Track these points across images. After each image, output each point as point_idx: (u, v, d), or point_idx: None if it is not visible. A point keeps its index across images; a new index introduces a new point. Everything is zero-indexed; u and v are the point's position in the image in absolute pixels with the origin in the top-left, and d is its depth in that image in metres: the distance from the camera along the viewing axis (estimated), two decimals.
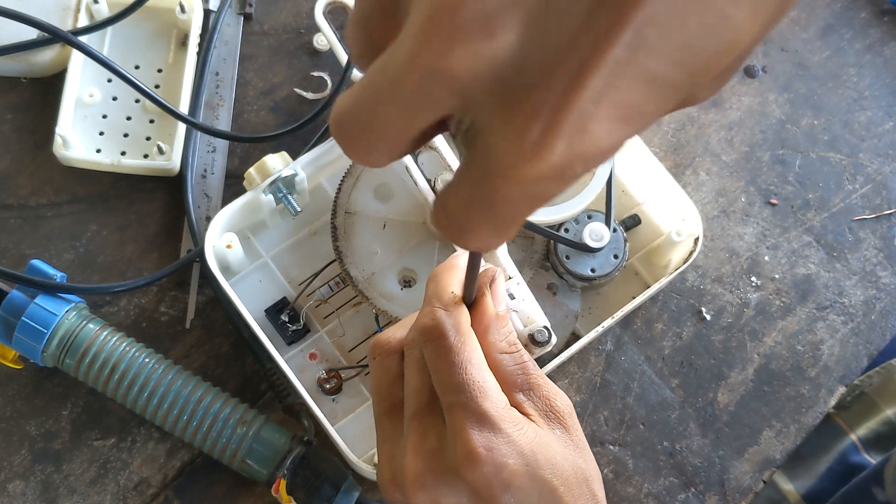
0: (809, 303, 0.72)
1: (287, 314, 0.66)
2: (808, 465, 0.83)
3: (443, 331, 0.43)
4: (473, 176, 0.29)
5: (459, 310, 0.44)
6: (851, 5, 0.80)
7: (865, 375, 0.83)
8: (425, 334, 0.43)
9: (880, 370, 0.83)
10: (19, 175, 0.71)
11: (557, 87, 0.26)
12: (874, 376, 0.83)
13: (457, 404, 0.42)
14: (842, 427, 0.82)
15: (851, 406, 0.83)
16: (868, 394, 0.82)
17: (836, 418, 0.83)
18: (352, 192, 0.65)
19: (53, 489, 0.64)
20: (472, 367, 0.43)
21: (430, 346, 0.43)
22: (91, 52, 0.68)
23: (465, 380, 0.43)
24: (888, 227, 0.74)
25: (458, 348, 0.43)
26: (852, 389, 0.83)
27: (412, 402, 0.44)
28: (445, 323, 0.43)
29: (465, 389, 0.42)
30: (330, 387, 0.65)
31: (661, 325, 0.70)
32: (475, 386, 0.43)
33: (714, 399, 0.69)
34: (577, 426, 0.46)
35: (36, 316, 0.62)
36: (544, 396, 0.45)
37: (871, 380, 0.83)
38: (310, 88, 0.75)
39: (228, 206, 0.64)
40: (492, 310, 0.45)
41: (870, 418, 0.82)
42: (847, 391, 0.76)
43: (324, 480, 0.61)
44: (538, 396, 0.45)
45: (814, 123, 0.76)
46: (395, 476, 0.44)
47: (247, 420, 0.62)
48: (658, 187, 0.68)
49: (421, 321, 0.44)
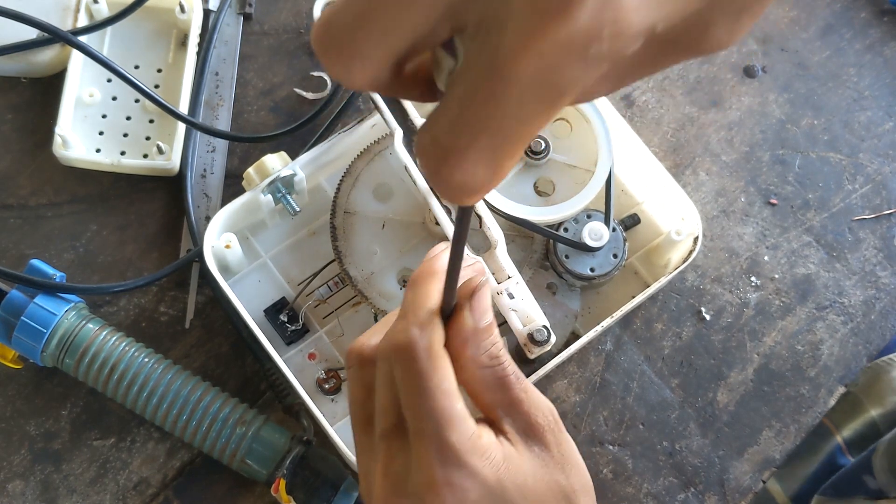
0: (809, 303, 0.72)
1: (286, 314, 0.66)
2: (795, 466, 0.82)
3: (414, 352, 0.40)
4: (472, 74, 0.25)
5: (434, 327, 0.41)
6: (851, 5, 0.80)
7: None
8: (396, 352, 0.41)
9: (867, 369, 0.83)
10: (19, 175, 0.71)
11: None
12: (860, 375, 0.83)
13: (422, 432, 0.40)
14: (828, 427, 0.82)
15: (837, 406, 0.82)
16: (854, 393, 0.81)
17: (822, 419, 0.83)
18: (351, 192, 0.65)
19: (53, 489, 0.64)
20: (441, 394, 0.40)
21: (400, 367, 0.41)
22: (91, 52, 0.68)
23: (432, 407, 0.40)
24: (888, 227, 0.74)
25: (429, 373, 0.40)
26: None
27: (381, 420, 0.42)
28: (418, 343, 0.40)
29: (431, 417, 0.40)
30: (329, 387, 0.65)
31: (661, 325, 0.70)
32: (442, 415, 0.40)
33: (714, 399, 0.69)
34: (559, 440, 0.43)
35: (35, 316, 0.62)
36: (524, 413, 0.43)
37: (858, 379, 0.83)
38: (309, 88, 0.75)
39: (227, 206, 0.64)
40: (470, 324, 0.41)
41: (855, 418, 0.81)
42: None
43: (323, 480, 0.61)
44: (518, 412, 0.42)
45: (814, 123, 0.76)
46: (366, 492, 0.44)
47: (246, 420, 0.62)
48: (658, 187, 0.68)
49: (394, 337, 0.41)
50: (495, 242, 0.59)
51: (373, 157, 0.66)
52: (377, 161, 0.66)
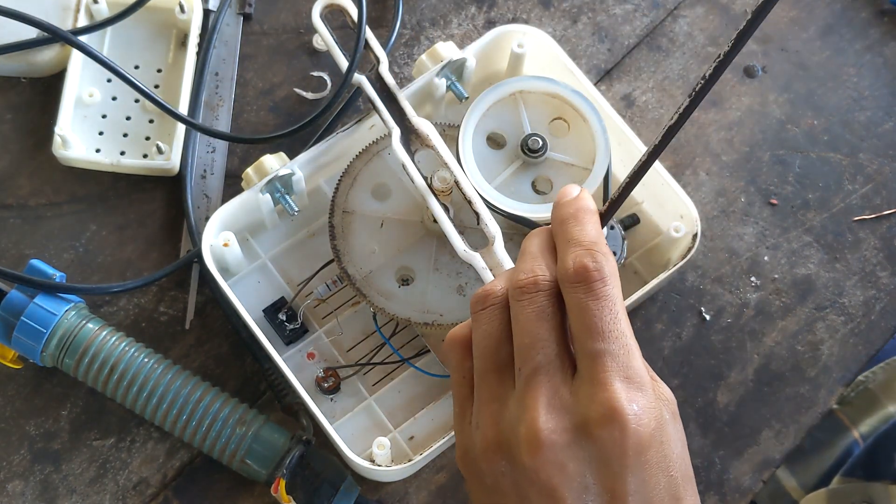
0: (809, 303, 0.71)
1: (284, 313, 0.66)
2: (811, 461, 0.82)
3: (603, 274, 0.41)
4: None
5: (611, 257, 0.42)
6: (851, 5, 0.80)
7: (870, 371, 0.83)
8: (581, 276, 0.41)
9: (885, 366, 0.83)
10: (19, 175, 0.72)
11: None
12: (879, 372, 0.83)
13: (606, 353, 0.40)
14: (844, 422, 0.82)
15: (854, 401, 0.82)
16: (871, 389, 0.81)
17: (838, 413, 0.82)
18: (349, 192, 0.66)
19: (53, 489, 0.64)
20: (626, 319, 0.41)
21: (583, 289, 0.40)
22: (91, 52, 0.69)
23: (622, 331, 0.40)
24: (888, 227, 0.74)
25: (617, 296, 0.41)
26: (856, 385, 0.82)
27: (537, 353, 0.41)
28: (604, 268, 0.41)
29: (619, 339, 0.40)
30: (328, 385, 0.65)
31: (661, 326, 0.70)
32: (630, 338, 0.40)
33: (714, 399, 0.69)
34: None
35: (35, 316, 0.62)
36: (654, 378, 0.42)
37: (876, 375, 0.83)
38: (309, 88, 0.75)
39: (226, 204, 0.64)
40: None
41: (871, 414, 0.81)
42: (851, 386, 0.75)
43: (323, 480, 0.61)
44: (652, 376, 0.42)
45: (814, 123, 0.76)
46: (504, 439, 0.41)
47: (246, 420, 0.62)
48: (657, 187, 0.68)
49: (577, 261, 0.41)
50: (493, 238, 0.59)
51: (371, 157, 0.66)
52: (376, 161, 0.66)
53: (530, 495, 0.40)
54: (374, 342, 0.67)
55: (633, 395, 0.39)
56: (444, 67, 0.68)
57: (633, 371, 0.40)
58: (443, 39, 0.75)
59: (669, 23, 0.79)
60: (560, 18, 0.78)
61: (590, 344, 0.40)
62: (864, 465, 0.78)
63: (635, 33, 0.78)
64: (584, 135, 0.66)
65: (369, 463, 0.61)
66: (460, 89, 0.70)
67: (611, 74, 0.77)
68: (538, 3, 0.78)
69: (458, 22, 0.78)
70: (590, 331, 0.40)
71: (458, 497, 0.65)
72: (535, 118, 0.66)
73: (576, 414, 0.40)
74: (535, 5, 0.78)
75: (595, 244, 0.42)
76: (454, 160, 0.62)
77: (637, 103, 0.76)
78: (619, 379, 0.39)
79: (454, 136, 0.65)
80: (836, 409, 0.83)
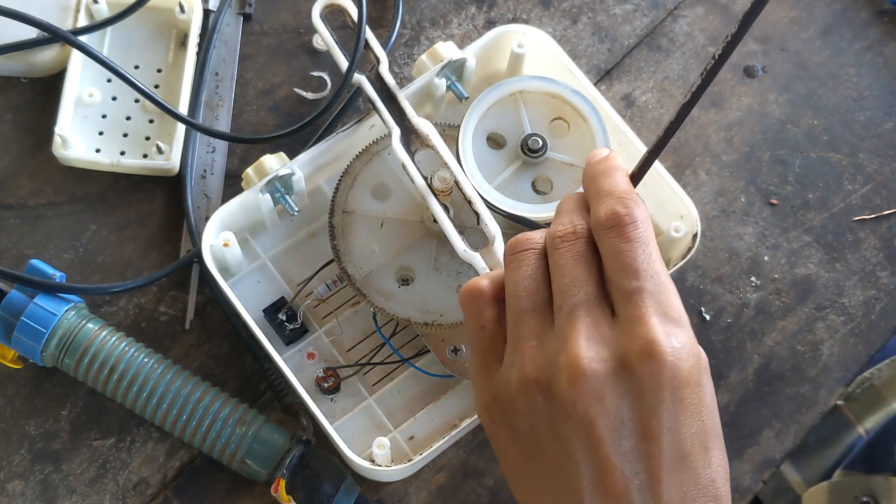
0: (809, 303, 0.71)
1: (284, 313, 0.66)
2: (815, 456, 0.82)
3: (634, 218, 0.42)
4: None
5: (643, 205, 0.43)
6: (851, 5, 0.80)
7: (875, 368, 0.83)
8: (613, 221, 0.42)
9: (891, 363, 0.83)
10: (19, 175, 0.72)
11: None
12: (884, 369, 0.83)
13: (643, 290, 0.41)
14: (849, 418, 0.82)
15: (859, 397, 0.82)
16: (877, 386, 0.82)
17: (843, 409, 0.83)
18: (349, 191, 0.66)
19: (53, 489, 0.64)
20: (660, 261, 0.42)
21: (616, 233, 0.42)
22: (91, 52, 0.69)
23: (657, 270, 0.41)
24: (888, 227, 0.74)
25: (648, 238, 0.42)
26: (861, 381, 0.82)
27: (579, 290, 0.42)
28: (636, 212, 0.42)
29: (654, 278, 0.41)
30: (328, 385, 0.65)
31: None
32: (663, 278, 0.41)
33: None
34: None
35: (35, 316, 0.62)
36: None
37: (882, 372, 0.83)
38: (309, 88, 0.75)
39: (226, 204, 0.64)
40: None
41: (876, 410, 0.82)
42: (856, 383, 0.75)
43: (323, 480, 0.61)
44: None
45: (814, 123, 0.76)
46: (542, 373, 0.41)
47: (246, 420, 0.62)
48: (657, 187, 0.68)
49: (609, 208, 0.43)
50: (493, 238, 0.59)
51: (371, 157, 0.66)
52: (375, 161, 0.66)
53: (566, 431, 0.40)
54: (374, 342, 0.67)
55: (671, 329, 0.40)
56: (444, 67, 0.68)
57: (672, 308, 0.41)
58: (443, 39, 0.75)
59: (669, 23, 0.79)
60: (560, 18, 0.78)
61: (625, 283, 0.41)
62: (864, 458, 0.78)
63: (635, 33, 0.78)
64: (585, 135, 0.66)
65: (369, 463, 0.61)
66: (460, 89, 0.70)
67: (611, 74, 0.77)
68: (538, 3, 0.78)
69: (458, 22, 0.78)
70: (625, 270, 0.41)
71: (458, 497, 0.65)
72: (535, 118, 0.66)
73: (616, 347, 0.40)
74: (535, 5, 0.78)
75: (626, 193, 0.44)
76: (454, 160, 0.62)
77: (637, 103, 0.76)
78: (656, 315, 0.40)
79: (454, 136, 0.65)
80: (841, 405, 0.83)
